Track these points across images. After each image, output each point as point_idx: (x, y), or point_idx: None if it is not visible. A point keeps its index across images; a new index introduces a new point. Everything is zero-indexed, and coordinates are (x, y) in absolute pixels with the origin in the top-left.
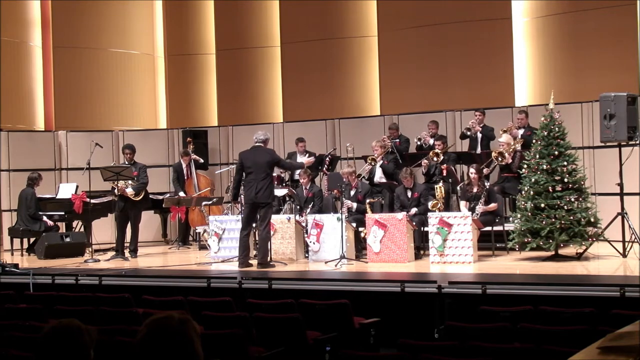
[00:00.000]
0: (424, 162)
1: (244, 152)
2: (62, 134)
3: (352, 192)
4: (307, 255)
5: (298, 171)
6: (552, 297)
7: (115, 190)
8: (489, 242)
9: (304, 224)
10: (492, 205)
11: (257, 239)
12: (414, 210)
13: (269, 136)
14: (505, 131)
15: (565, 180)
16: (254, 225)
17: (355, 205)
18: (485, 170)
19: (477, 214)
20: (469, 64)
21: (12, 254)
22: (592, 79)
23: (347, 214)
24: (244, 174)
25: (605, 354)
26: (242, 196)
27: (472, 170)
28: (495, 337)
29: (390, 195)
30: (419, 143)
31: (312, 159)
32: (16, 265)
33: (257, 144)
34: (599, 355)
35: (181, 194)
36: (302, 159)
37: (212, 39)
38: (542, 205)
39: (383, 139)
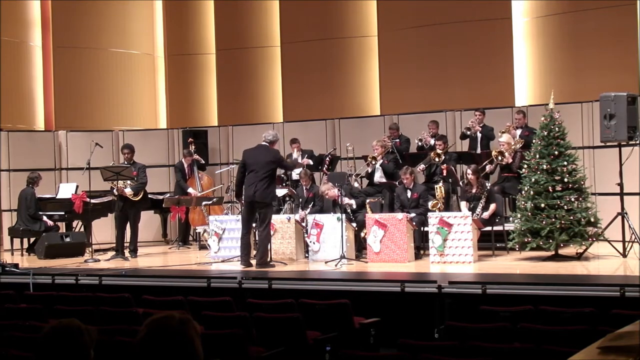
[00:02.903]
0: (421, 167)
1: (247, 150)
2: (62, 134)
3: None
4: (307, 255)
5: (297, 171)
6: (552, 297)
7: (114, 190)
8: (489, 242)
9: (303, 224)
10: (492, 208)
11: (256, 239)
12: (412, 215)
13: (279, 138)
14: (504, 132)
15: (565, 180)
16: (254, 224)
17: (354, 202)
18: (488, 168)
19: (478, 215)
20: (469, 64)
21: (12, 254)
22: (592, 79)
23: (350, 212)
24: (246, 172)
25: (605, 354)
26: None
27: (469, 171)
28: (495, 337)
29: (390, 195)
30: (419, 143)
31: (307, 161)
32: (16, 265)
33: (264, 142)
34: (599, 355)
35: (190, 190)
36: (299, 158)
37: (212, 39)
38: (542, 205)
39: (383, 139)
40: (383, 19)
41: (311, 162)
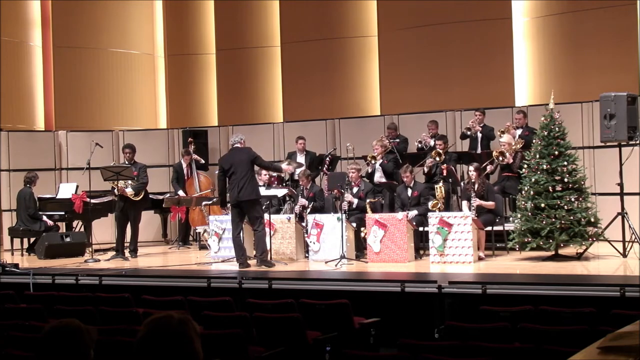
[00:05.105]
0: (429, 161)
1: (222, 157)
2: (62, 134)
3: (355, 190)
4: (307, 255)
5: (298, 171)
6: (552, 297)
7: (115, 190)
8: (489, 242)
9: (303, 224)
10: (490, 203)
11: (254, 238)
12: (413, 212)
13: (244, 137)
14: (503, 132)
15: (565, 180)
16: (247, 223)
17: (356, 200)
18: (489, 168)
19: (474, 207)
20: (469, 64)
21: (12, 254)
22: (592, 79)
23: (346, 209)
24: (226, 178)
25: (605, 354)
26: None
27: (471, 168)
28: (495, 337)
29: (390, 195)
30: (419, 145)
31: (291, 167)
32: (16, 265)
33: (235, 145)
34: (599, 355)
35: (180, 193)
36: (301, 158)
37: (212, 39)
38: (542, 205)
39: (382, 138)
40: (383, 19)
41: (292, 169)
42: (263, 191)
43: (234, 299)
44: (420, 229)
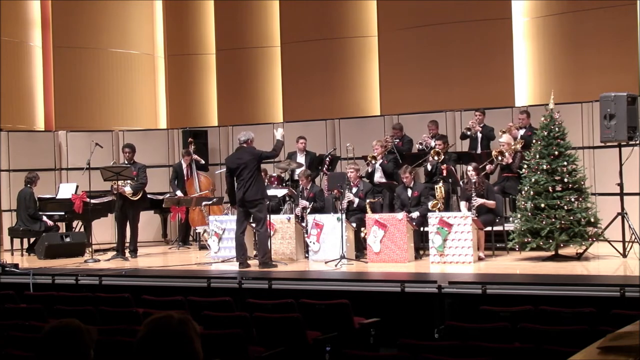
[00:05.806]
0: (431, 159)
1: (228, 157)
2: (62, 134)
3: (354, 191)
4: (307, 255)
5: (298, 171)
6: (552, 297)
7: (114, 189)
8: (489, 242)
9: (303, 224)
10: (492, 202)
11: (256, 239)
12: (415, 214)
13: (252, 135)
14: (504, 132)
15: (565, 180)
16: (252, 224)
17: (357, 200)
18: (488, 168)
19: (474, 205)
20: (469, 64)
21: (12, 254)
22: (592, 79)
23: (345, 208)
24: (235, 177)
25: (605, 354)
26: None
27: (469, 168)
28: (495, 337)
29: (390, 195)
30: (420, 147)
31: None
32: (16, 265)
33: (241, 144)
34: (599, 355)
35: (179, 193)
36: (301, 158)
37: (212, 39)
38: (542, 205)
39: (385, 138)
40: (383, 19)
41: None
42: None
43: (234, 299)
44: (420, 229)
